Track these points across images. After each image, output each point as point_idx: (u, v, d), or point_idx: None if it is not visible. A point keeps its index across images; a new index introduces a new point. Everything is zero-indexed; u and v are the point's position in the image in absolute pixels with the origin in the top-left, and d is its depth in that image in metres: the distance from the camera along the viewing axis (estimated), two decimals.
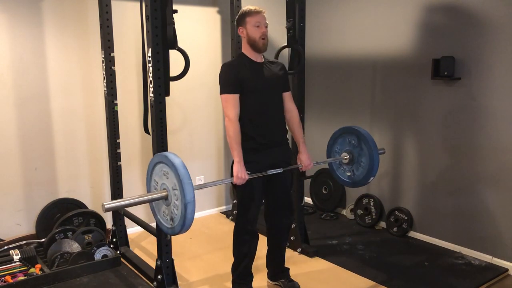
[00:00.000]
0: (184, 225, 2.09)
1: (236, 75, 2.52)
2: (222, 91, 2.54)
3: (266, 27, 2.57)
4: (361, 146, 2.91)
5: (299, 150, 2.79)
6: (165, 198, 2.18)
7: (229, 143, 2.51)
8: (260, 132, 2.59)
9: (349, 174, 3.02)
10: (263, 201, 2.81)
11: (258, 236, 2.75)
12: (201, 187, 2.38)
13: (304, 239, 3.47)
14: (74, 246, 3.13)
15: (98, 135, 3.66)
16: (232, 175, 2.52)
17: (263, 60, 2.66)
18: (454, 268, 3.17)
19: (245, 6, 2.63)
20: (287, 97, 2.76)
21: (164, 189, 2.19)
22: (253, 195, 2.63)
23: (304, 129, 3.40)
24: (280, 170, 2.61)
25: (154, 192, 2.22)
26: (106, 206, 2.03)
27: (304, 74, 3.37)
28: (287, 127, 2.79)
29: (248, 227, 2.68)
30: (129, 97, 3.76)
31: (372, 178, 2.91)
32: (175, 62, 2.87)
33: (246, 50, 2.61)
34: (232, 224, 2.96)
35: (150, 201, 2.22)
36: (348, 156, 2.99)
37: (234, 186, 2.62)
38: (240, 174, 2.46)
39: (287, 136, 2.78)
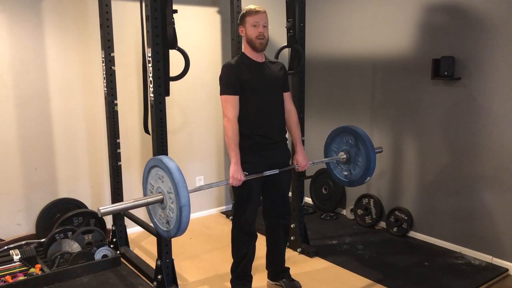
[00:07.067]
0: (180, 228, 2.09)
1: (237, 77, 2.52)
2: (222, 92, 2.54)
3: (265, 26, 2.56)
4: (358, 146, 2.92)
5: (295, 150, 2.79)
6: (161, 201, 2.18)
7: (227, 143, 2.51)
8: (258, 132, 2.59)
9: (346, 173, 3.03)
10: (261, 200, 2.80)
11: (256, 236, 2.75)
12: (197, 189, 2.37)
13: (304, 239, 3.47)
14: (74, 246, 3.13)
15: (98, 135, 3.66)
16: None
17: (263, 60, 2.65)
18: (454, 268, 3.17)
19: (247, 6, 2.63)
20: (287, 97, 2.75)
21: (160, 192, 2.18)
22: (251, 196, 2.62)
23: (304, 129, 3.41)
24: (276, 171, 2.61)
25: (150, 196, 2.21)
26: (102, 211, 2.04)
27: (304, 74, 3.37)
28: (285, 127, 2.79)
29: (246, 228, 2.68)
30: (129, 97, 3.75)
31: (369, 178, 2.92)
32: (175, 62, 2.87)
33: (246, 49, 2.62)
34: None
35: (145, 205, 2.21)
36: (345, 156, 2.99)
37: (232, 187, 2.61)
38: (236, 175, 2.45)
39: (286, 137, 2.78)
